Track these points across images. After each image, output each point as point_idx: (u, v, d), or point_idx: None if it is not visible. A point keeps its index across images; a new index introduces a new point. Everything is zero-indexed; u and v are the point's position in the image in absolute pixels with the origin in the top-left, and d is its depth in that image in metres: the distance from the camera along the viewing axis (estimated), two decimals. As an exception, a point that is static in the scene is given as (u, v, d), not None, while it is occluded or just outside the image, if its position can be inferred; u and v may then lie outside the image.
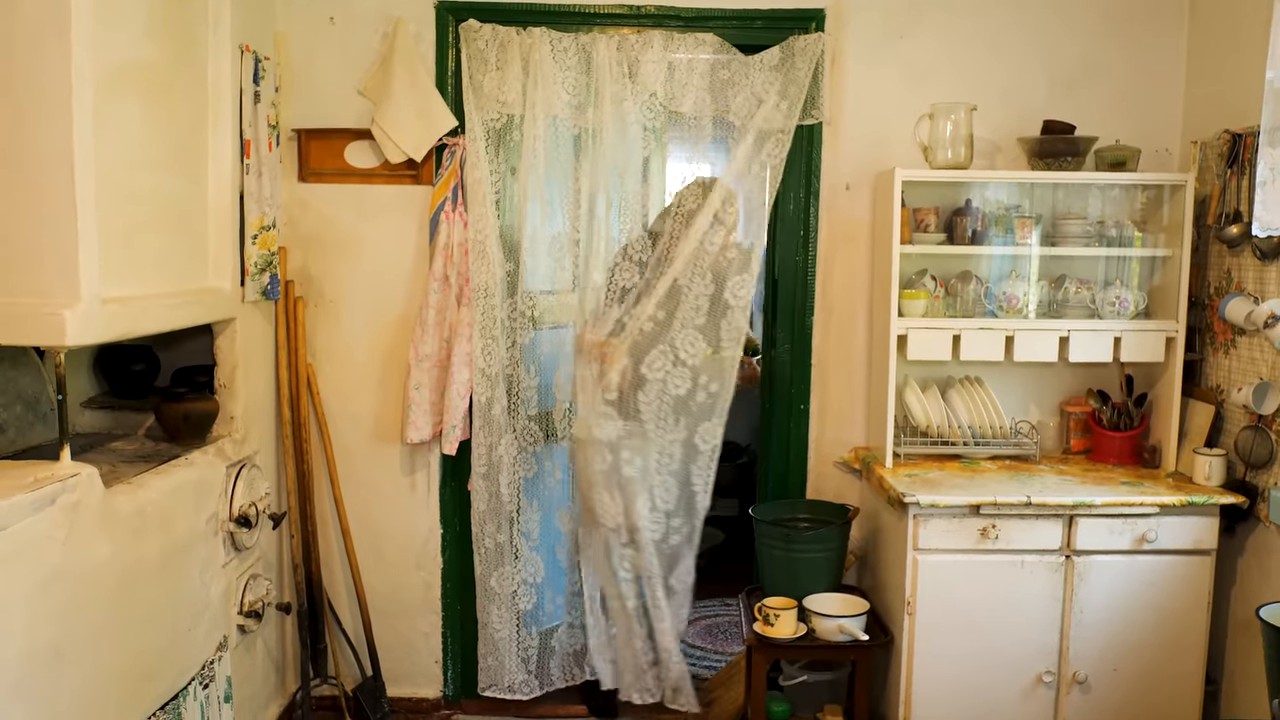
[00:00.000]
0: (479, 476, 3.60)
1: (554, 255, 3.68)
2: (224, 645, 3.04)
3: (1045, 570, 3.22)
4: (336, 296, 3.67)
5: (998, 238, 3.52)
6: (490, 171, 3.53)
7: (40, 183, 2.29)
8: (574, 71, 3.54)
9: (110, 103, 2.45)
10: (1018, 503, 3.17)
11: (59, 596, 2.19)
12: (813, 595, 3.40)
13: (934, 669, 3.25)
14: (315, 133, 3.60)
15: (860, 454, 3.72)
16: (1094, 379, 3.73)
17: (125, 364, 3.36)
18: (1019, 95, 3.65)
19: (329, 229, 3.65)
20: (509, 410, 3.61)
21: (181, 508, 2.78)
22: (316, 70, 3.58)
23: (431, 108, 3.50)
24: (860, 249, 3.71)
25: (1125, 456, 3.58)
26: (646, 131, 3.56)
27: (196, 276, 3.04)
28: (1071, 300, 3.54)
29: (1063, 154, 3.44)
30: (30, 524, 2.09)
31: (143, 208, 2.67)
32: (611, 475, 3.46)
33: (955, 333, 3.47)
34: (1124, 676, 3.25)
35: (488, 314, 3.53)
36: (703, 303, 3.47)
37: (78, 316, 2.28)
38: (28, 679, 2.09)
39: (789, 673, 3.53)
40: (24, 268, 2.30)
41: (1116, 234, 3.53)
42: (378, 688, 3.71)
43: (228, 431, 3.21)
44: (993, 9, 3.63)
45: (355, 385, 3.70)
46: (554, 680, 3.81)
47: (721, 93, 3.57)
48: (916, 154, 3.54)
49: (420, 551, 3.77)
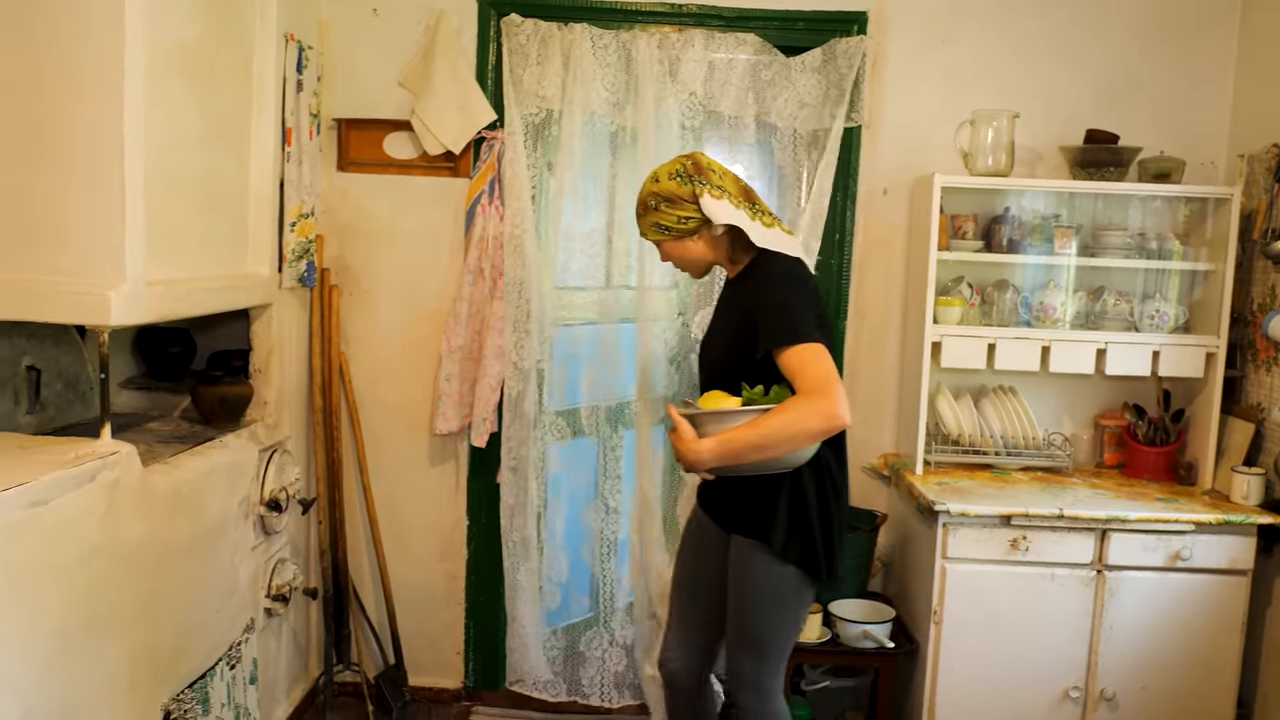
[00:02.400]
0: (508, 470, 3.60)
1: (588, 252, 3.69)
2: (251, 627, 3.06)
3: (1076, 584, 3.19)
4: (371, 286, 3.69)
5: (1036, 247, 3.50)
6: (528, 166, 3.53)
7: (89, 164, 2.32)
8: (614, 68, 3.54)
9: (159, 86, 2.47)
10: (1050, 515, 3.14)
11: (96, 572, 2.21)
12: (838, 600, 3.39)
13: (959, 679, 3.23)
14: (355, 123, 3.62)
15: (889, 460, 3.70)
16: (1130, 393, 3.69)
17: (163, 346, 3.38)
18: (1061, 104, 3.62)
19: (366, 219, 3.66)
20: (539, 405, 3.61)
21: (215, 489, 2.81)
22: (358, 61, 3.60)
23: (471, 101, 3.51)
24: (896, 254, 3.70)
25: (1160, 472, 3.55)
26: (685, 130, 3.56)
27: (236, 261, 3.06)
28: (1110, 312, 3.51)
29: (1106, 164, 3.41)
30: (71, 499, 2.11)
31: (187, 191, 2.69)
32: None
33: (990, 341, 3.44)
34: (1153, 695, 3.22)
35: (521, 308, 3.53)
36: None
37: (122, 297, 2.31)
38: (63, 652, 2.11)
39: (812, 677, 3.51)
40: (71, 247, 2.33)
41: (1157, 246, 3.50)
42: (400, 676, 3.73)
43: (261, 416, 3.23)
44: (1036, 16, 3.60)
45: (386, 375, 3.72)
46: (580, 681, 3.80)
47: (762, 94, 3.56)
48: (956, 160, 3.52)
49: (446, 543, 3.78)
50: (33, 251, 2.33)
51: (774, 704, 2.61)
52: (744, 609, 2.57)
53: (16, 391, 2.72)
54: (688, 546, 2.84)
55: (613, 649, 3.76)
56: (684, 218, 2.51)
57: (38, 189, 2.33)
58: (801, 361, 2.28)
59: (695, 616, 2.78)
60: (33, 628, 2.02)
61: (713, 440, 2.30)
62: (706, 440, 2.30)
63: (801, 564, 2.50)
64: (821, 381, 2.25)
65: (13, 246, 2.34)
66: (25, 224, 2.34)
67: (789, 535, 2.48)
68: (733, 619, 2.60)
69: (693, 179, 2.50)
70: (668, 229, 2.54)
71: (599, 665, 3.78)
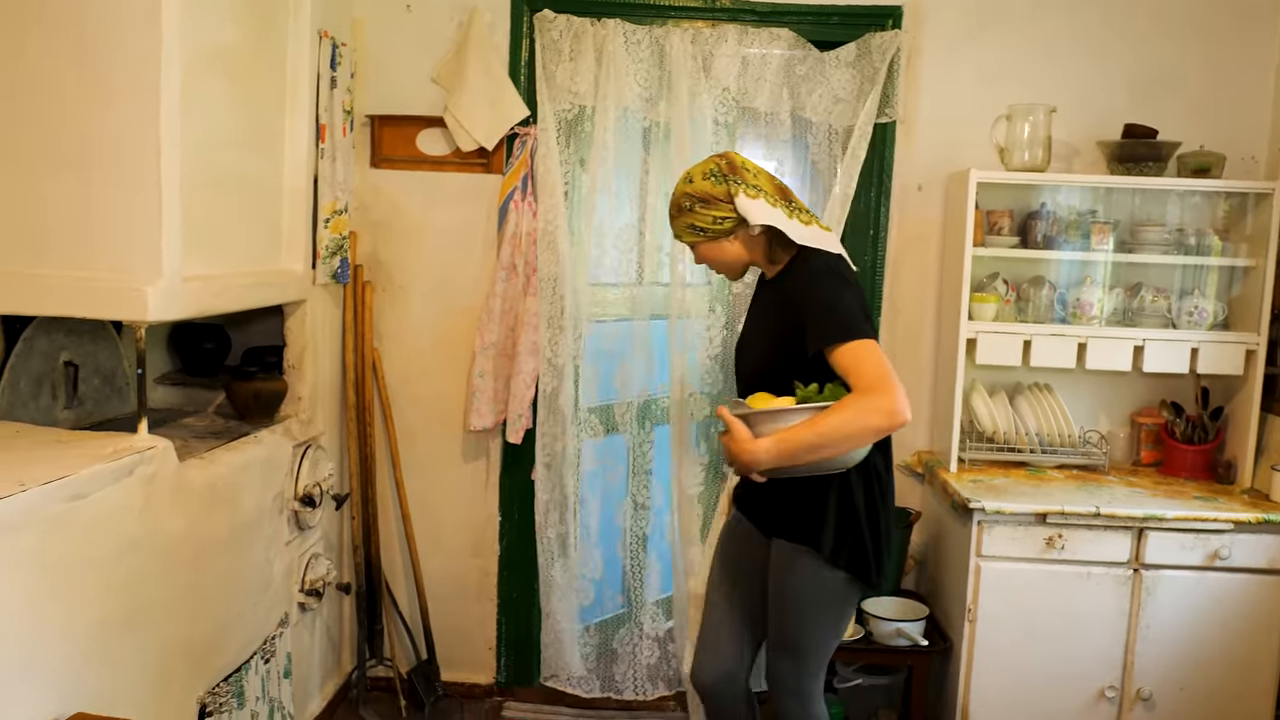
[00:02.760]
0: (542, 466, 3.61)
1: (620, 248, 3.68)
2: (285, 622, 3.08)
3: (1112, 583, 3.15)
4: (404, 282, 3.70)
5: (1072, 243, 3.46)
6: (560, 162, 3.53)
7: (127, 161, 2.34)
8: (647, 64, 3.53)
9: (195, 86, 2.49)
10: (1086, 513, 3.11)
11: (134, 565, 2.23)
12: (871, 598, 3.37)
13: (993, 678, 3.21)
14: (388, 119, 3.63)
15: (923, 458, 3.68)
16: (1168, 390, 3.65)
17: (197, 342, 3.41)
18: (1098, 98, 3.57)
19: (399, 215, 3.68)
20: (574, 401, 3.61)
21: (250, 484, 2.83)
22: (391, 57, 3.61)
23: (504, 97, 3.51)
24: (930, 250, 3.67)
25: (1198, 471, 3.50)
26: (718, 126, 3.54)
27: (270, 258, 3.08)
28: (1147, 309, 3.47)
29: (1144, 159, 3.37)
30: (109, 493, 2.14)
31: (222, 188, 2.71)
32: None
33: (1026, 338, 3.41)
34: (1190, 695, 3.18)
35: (554, 304, 3.54)
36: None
37: (160, 293, 2.33)
38: (102, 645, 2.13)
39: (844, 675, 3.49)
40: (109, 244, 2.35)
41: (1196, 242, 3.45)
42: (432, 671, 3.74)
43: (295, 412, 3.25)
44: (1072, 10, 3.56)
45: (419, 371, 3.73)
46: (615, 677, 3.80)
47: (796, 89, 3.54)
48: (991, 155, 3.49)
49: (478, 539, 3.79)
50: (71, 249, 2.36)
51: (815, 707, 2.59)
52: (787, 614, 2.53)
53: (54, 387, 2.75)
54: (726, 551, 2.78)
55: (644, 642, 3.76)
56: (720, 218, 2.46)
57: (76, 188, 2.35)
58: (856, 358, 2.24)
59: (735, 622, 2.72)
60: (72, 620, 2.04)
61: (770, 440, 2.24)
62: (764, 440, 2.24)
63: (851, 568, 2.46)
64: (879, 378, 2.21)
65: (52, 244, 2.37)
66: (64, 222, 2.36)
67: (838, 539, 2.44)
68: (775, 623, 2.57)
69: (727, 178, 2.45)
70: (703, 230, 2.50)
71: (630, 660, 3.78)
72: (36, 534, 1.93)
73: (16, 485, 1.90)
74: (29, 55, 2.34)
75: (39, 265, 2.36)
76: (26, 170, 2.36)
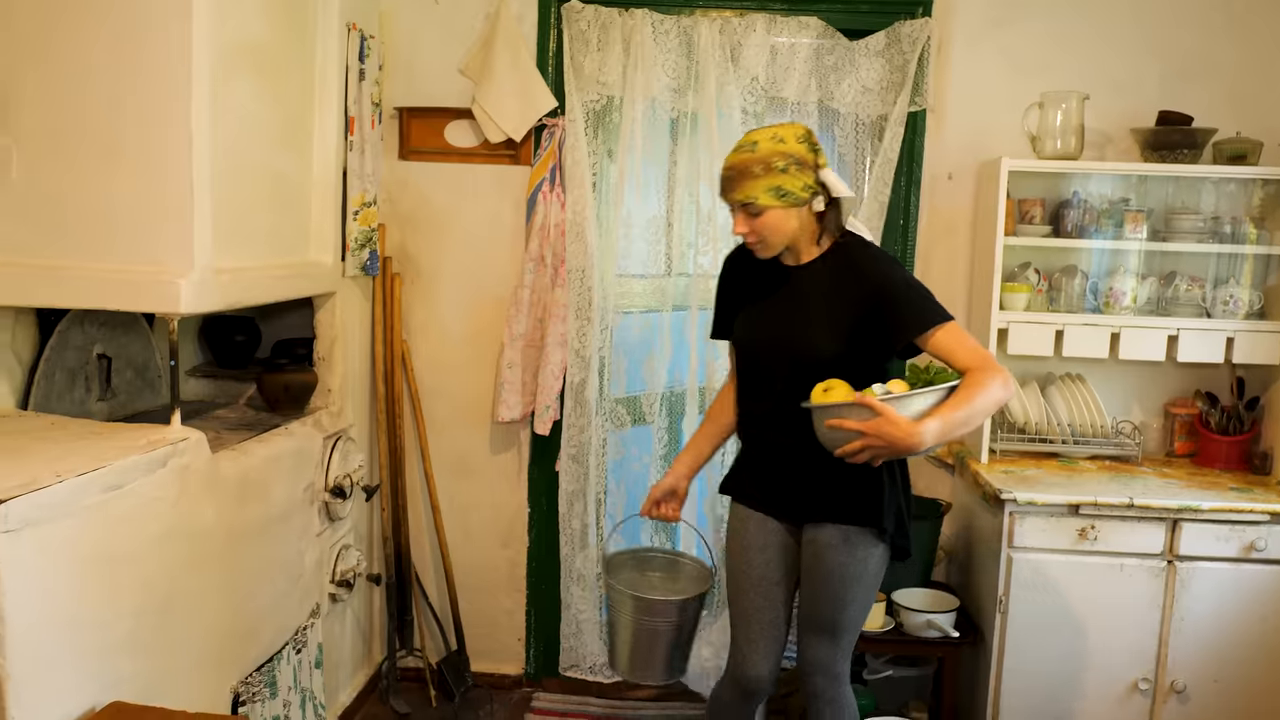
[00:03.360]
0: (568, 458, 3.61)
1: (648, 240, 3.67)
2: (316, 612, 3.10)
3: (1145, 574, 3.12)
4: (433, 274, 3.71)
5: (1105, 232, 3.42)
6: (588, 153, 3.53)
7: (159, 155, 2.36)
8: (675, 54, 3.52)
9: (226, 79, 2.50)
10: (1119, 504, 3.08)
11: (168, 555, 2.25)
12: (901, 589, 3.36)
13: (1024, 670, 3.18)
14: (416, 111, 3.64)
15: (954, 448, 3.65)
16: (1202, 380, 3.60)
17: (228, 334, 3.44)
18: (1131, 86, 3.53)
19: (427, 207, 3.68)
20: (600, 392, 3.61)
21: (281, 476, 2.85)
22: (419, 49, 3.61)
23: (532, 88, 3.51)
24: (961, 240, 3.64)
25: (1233, 462, 3.46)
26: (746, 116, 3.52)
27: (300, 250, 3.09)
28: (1182, 298, 3.43)
29: (1179, 146, 3.32)
30: (144, 484, 2.15)
31: (253, 181, 2.73)
32: None
33: (1058, 328, 3.38)
34: (1225, 688, 3.14)
35: (583, 295, 3.53)
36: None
37: (192, 285, 2.34)
38: (139, 632, 2.15)
39: (874, 667, 3.48)
40: (142, 237, 2.37)
41: (1231, 230, 3.40)
42: (462, 662, 3.76)
43: (325, 404, 3.27)
44: (1106, -4, 3.52)
45: (448, 363, 3.74)
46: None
47: (825, 78, 3.52)
48: (1022, 144, 3.45)
49: (507, 530, 3.80)
50: (104, 242, 2.38)
51: (848, 688, 2.62)
52: (835, 595, 2.53)
53: (88, 379, 2.77)
54: (752, 552, 2.66)
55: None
56: (806, 185, 2.39)
57: (109, 182, 2.37)
58: (957, 339, 2.34)
59: (773, 619, 2.68)
60: (109, 610, 2.06)
61: (935, 420, 2.24)
62: (930, 421, 2.24)
63: (896, 543, 2.53)
64: (985, 354, 2.34)
65: (85, 237, 2.39)
66: (97, 216, 2.38)
67: (894, 517, 2.50)
68: (819, 606, 2.56)
69: (816, 148, 2.42)
70: (786, 195, 2.37)
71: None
72: (73, 524, 1.95)
73: (54, 476, 1.92)
74: (63, 51, 2.36)
75: (72, 258, 2.39)
76: (60, 164, 2.38)
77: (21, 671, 1.82)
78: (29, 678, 1.84)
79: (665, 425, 3.69)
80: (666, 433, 3.69)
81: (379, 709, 3.63)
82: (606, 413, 3.64)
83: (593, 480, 3.62)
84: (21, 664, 1.82)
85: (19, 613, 1.81)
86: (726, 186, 2.44)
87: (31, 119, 2.38)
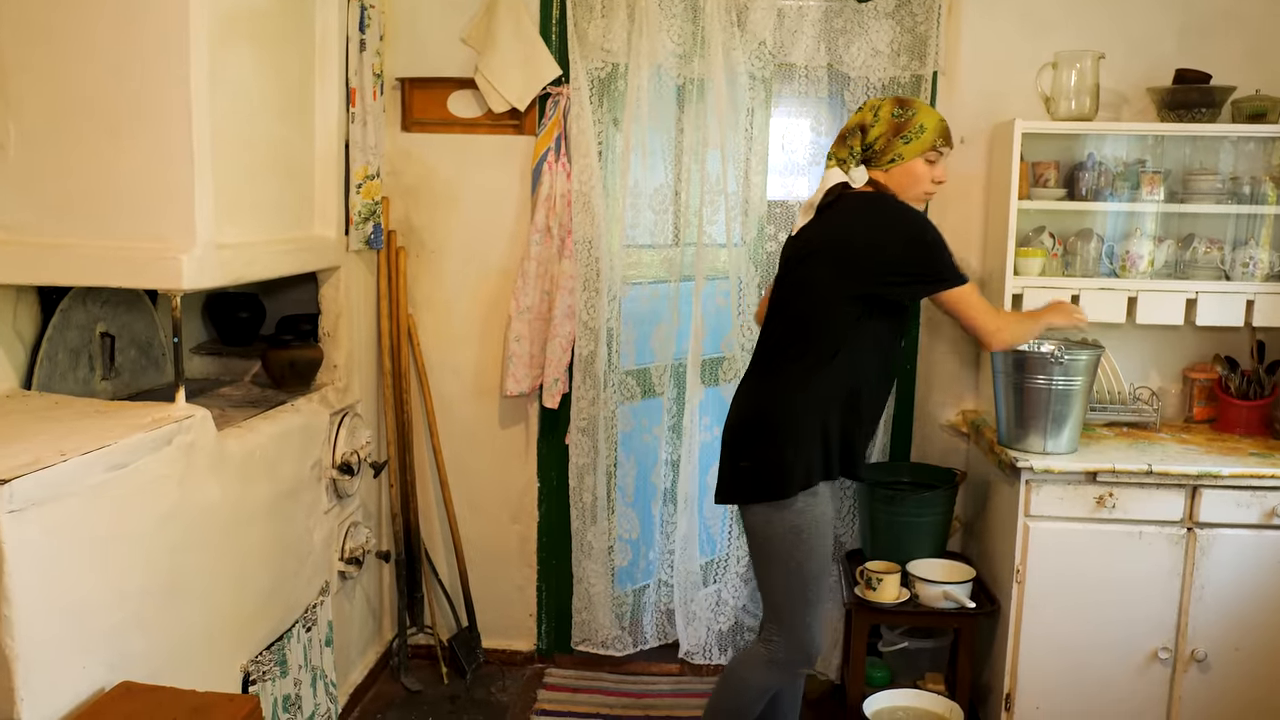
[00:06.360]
0: (578, 430, 3.57)
1: (655, 209, 3.62)
2: (326, 590, 3.08)
3: (1164, 542, 3.08)
4: (438, 247, 3.66)
5: (1121, 194, 3.35)
6: (594, 122, 3.47)
7: (159, 130, 2.32)
8: (680, 19, 3.45)
9: (224, 51, 2.46)
10: (1138, 470, 3.03)
11: (175, 534, 2.23)
12: (916, 560, 3.32)
13: (1042, 640, 3.15)
14: (419, 82, 3.58)
15: (969, 417, 3.61)
16: (1221, 344, 3.55)
17: (232, 311, 3.39)
18: (1146, 44, 3.46)
19: (431, 179, 3.63)
20: (609, 364, 3.57)
21: (288, 453, 2.81)
22: (421, 19, 3.55)
23: (536, 56, 3.45)
24: (974, 205, 3.58)
25: (1253, 427, 3.41)
26: (754, 81, 3.46)
27: (303, 224, 3.05)
28: (1200, 260, 3.36)
29: (1197, 105, 3.25)
30: (149, 462, 2.12)
31: (254, 155, 2.68)
32: None
33: (1074, 293, 3.32)
34: (1246, 656, 3.11)
35: (590, 266, 3.49)
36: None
37: (194, 261, 2.31)
38: (146, 612, 2.13)
39: (889, 639, 3.45)
40: (143, 213, 2.33)
41: (1251, 190, 3.33)
42: (473, 638, 3.74)
43: (331, 380, 3.23)
44: (1121, -48, 3.44)
45: (455, 336, 3.70)
46: (647, 638, 3.79)
47: (834, 42, 3.45)
48: (1036, 105, 3.39)
49: (517, 505, 3.77)
50: (106, 219, 2.35)
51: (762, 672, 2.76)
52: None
53: (92, 358, 2.74)
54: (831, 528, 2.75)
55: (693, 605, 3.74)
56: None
57: (108, 158, 2.33)
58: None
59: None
60: (116, 589, 2.04)
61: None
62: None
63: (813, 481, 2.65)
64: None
65: (86, 214, 2.35)
66: (98, 192, 2.34)
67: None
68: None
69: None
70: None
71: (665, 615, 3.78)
72: (78, 504, 1.92)
73: (58, 455, 1.89)
74: (64, 27, 2.31)
75: (73, 236, 2.35)
76: (60, 140, 2.35)
77: (29, 652, 1.80)
78: (36, 658, 1.82)
79: (674, 396, 3.64)
80: (675, 404, 3.65)
81: (391, 687, 3.61)
82: (616, 385, 3.60)
83: (603, 453, 3.59)
84: (28, 645, 1.80)
85: (25, 593, 1.78)
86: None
87: (31, 95, 2.34)
